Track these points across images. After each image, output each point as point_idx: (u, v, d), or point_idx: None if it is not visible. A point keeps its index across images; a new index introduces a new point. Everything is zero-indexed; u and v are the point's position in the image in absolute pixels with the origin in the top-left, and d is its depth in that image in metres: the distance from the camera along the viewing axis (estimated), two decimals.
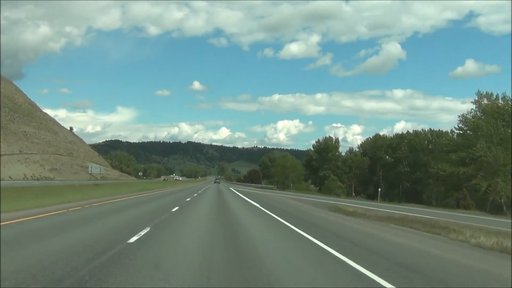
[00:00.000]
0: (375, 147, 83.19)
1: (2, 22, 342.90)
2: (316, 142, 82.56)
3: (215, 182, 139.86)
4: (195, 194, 33.63)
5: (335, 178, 70.22)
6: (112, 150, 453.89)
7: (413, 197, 75.01)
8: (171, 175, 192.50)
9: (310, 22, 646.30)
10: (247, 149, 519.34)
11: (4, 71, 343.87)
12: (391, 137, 79.26)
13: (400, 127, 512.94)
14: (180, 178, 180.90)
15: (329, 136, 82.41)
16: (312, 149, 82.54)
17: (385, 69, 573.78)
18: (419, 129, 76.44)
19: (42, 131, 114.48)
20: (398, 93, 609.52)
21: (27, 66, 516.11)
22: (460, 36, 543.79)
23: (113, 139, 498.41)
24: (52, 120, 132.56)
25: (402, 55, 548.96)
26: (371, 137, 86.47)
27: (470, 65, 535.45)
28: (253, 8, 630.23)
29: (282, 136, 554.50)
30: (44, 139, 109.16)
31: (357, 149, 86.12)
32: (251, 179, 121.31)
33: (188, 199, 25.59)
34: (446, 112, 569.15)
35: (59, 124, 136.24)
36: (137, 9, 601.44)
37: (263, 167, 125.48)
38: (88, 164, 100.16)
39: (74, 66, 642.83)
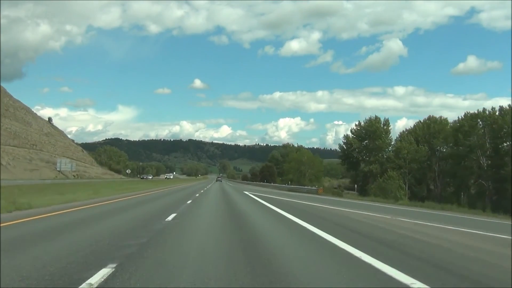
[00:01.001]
0: (429, 133, 59.97)
1: (2, 21, 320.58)
2: (356, 125, 58.76)
3: (216, 181, 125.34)
4: (162, 226, 10.17)
5: (395, 175, 46.36)
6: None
7: (494, 202, 51.70)
8: (170, 174, 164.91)
9: (310, 19, 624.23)
10: (248, 146, 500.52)
11: (4, 70, 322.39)
12: (459, 118, 55.46)
13: (402, 124, 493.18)
14: (172, 176, 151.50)
15: (376, 116, 58.77)
16: (350, 134, 58.71)
17: (386, 66, 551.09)
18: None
19: (7, 119, 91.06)
20: (400, 90, 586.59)
21: (28, 65, 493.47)
22: (462, 32, 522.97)
23: (113, 137, 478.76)
24: (25, 109, 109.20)
25: (403, 51, 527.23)
26: (421, 120, 62.99)
27: (472, 62, 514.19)
28: (253, 6, 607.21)
29: (283, 134, 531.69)
30: (8, 128, 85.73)
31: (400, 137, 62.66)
32: (263, 177, 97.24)
33: None
34: (448, 109, 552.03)
35: (35, 113, 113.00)
36: (137, 7, 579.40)
37: (273, 163, 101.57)
38: (57, 159, 76.99)
39: (74, 65, 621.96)
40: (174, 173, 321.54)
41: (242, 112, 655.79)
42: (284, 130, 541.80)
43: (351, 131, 58.35)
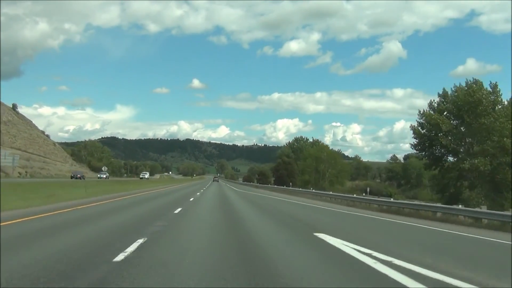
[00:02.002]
0: None
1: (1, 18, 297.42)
2: (439, 96, 34.86)
3: (213, 181, 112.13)
4: None
5: None
6: (109, 148, 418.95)
7: None
8: (146, 172, 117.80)
9: (310, 19, 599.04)
10: (246, 147, 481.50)
11: (2, 68, 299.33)
12: None
13: (400, 126, 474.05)
14: (147, 176, 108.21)
15: (475, 79, 34.91)
16: (429, 110, 35.07)
17: (386, 68, 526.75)
18: None
19: None
20: (398, 92, 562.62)
21: (26, 63, 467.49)
22: (461, 35, 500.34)
23: (110, 136, 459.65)
24: None
25: (402, 54, 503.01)
26: None
27: (471, 64, 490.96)
28: (253, 6, 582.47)
29: (281, 135, 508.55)
30: None
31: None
32: (279, 177, 72.59)
33: None
34: None
35: None
36: (136, 6, 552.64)
37: (282, 162, 77.06)
38: None
39: (72, 63, 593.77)
40: (170, 172, 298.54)
41: (240, 112, 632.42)
42: (282, 131, 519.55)
43: (430, 105, 34.88)
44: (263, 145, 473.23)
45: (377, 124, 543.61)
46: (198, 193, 33.46)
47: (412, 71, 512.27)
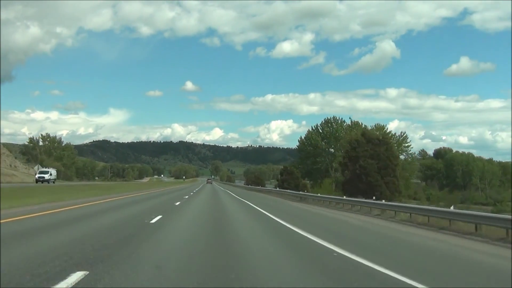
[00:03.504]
0: None
1: None
2: None
3: (207, 183, 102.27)
4: None
5: None
6: (100, 151, 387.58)
7: None
8: (46, 171, 60.65)
9: (303, 20, 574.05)
10: (241, 148, 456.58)
11: None
12: None
13: (393, 126, 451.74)
14: (47, 177, 55.27)
15: None
16: None
17: (379, 68, 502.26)
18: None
19: None
20: (392, 92, 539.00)
21: (17, 68, 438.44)
22: (455, 33, 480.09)
23: (101, 139, 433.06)
24: None
25: (396, 53, 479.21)
26: None
27: (465, 63, 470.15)
28: (245, 7, 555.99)
29: (275, 137, 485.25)
30: None
31: None
32: (354, 179, 33.55)
33: None
34: (440, 111, 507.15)
35: None
36: (128, 9, 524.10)
37: (357, 144, 44.71)
38: None
39: (65, 67, 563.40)
40: (162, 175, 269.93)
41: (234, 114, 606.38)
42: (276, 133, 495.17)
43: None
44: (257, 146, 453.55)
45: (371, 125, 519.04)
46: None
47: (405, 71, 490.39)
